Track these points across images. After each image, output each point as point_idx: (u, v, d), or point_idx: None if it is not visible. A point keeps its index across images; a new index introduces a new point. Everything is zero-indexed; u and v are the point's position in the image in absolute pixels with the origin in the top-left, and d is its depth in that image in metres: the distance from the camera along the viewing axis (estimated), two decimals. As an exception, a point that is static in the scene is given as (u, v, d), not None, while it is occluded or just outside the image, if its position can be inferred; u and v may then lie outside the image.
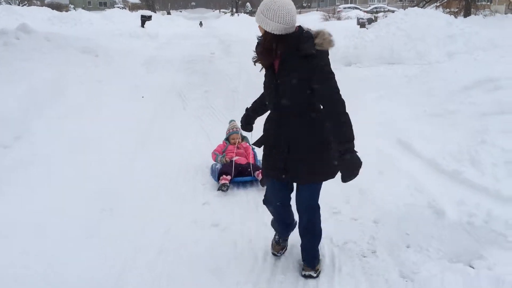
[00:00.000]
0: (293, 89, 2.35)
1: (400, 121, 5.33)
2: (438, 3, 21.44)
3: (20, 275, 2.74)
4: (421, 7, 16.29)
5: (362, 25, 17.65)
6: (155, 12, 35.96)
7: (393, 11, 20.81)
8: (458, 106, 5.04)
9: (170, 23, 29.56)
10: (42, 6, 29.57)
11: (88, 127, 5.58)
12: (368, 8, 36.80)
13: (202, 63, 12.02)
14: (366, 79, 8.28)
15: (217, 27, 29.28)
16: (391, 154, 4.60)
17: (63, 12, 28.45)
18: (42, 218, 3.40)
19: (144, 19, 21.31)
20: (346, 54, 10.45)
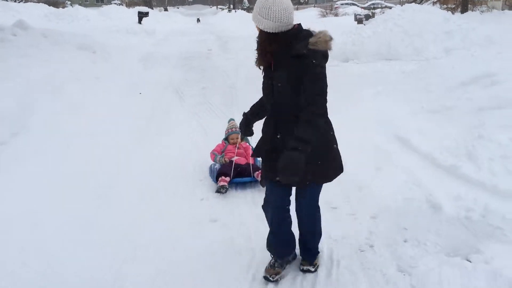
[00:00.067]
0: (287, 89, 2.28)
1: (398, 117, 5.34)
2: (435, -1, 21.41)
3: (20, 274, 2.74)
4: (418, 3, 16.27)
5: (360, 21, 17.60)
6: (152, 9, 35.74)
7: (390, 7, 20.78)
8: (455, 101, 5.06)
9: (167, 20, 29.44)
10: (38, 3, 29.33)
11: (85, 123, 5.58)
12: (366, 4, 36.69)
13: (200, 60, 11.99)
14: (364, 75, 8.27)
15: (214, 24, 29.17)
16: (388, 150, 4.61)
17: (60, 8, 28.25)
18: (39, 215, 3.39)
19: (141, 15, 21.20)
20: (344, 50, 10.44)
